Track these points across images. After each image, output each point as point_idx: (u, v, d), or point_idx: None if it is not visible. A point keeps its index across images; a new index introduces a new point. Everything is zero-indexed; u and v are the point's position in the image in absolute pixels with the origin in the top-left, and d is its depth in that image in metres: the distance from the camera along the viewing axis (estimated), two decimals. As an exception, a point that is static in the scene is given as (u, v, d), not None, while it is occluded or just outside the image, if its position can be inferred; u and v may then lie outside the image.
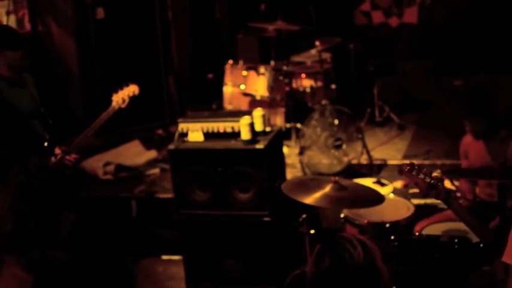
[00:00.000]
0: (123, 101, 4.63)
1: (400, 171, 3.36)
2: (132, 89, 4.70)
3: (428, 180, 3.23)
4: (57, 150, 4.38)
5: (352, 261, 2.30)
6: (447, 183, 4.65)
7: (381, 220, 4.33)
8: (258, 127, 4.96)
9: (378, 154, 6.66)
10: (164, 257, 5.69)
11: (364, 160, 6.47)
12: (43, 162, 4.09)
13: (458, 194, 4.53)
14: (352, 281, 2.30)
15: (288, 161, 6.23)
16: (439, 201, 4.68)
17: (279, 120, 6.88)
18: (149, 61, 7.60)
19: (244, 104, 6.98)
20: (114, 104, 4.61)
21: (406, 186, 5.67)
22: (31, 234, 2.57)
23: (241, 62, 7.09)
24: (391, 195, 4.88)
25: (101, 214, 5.95)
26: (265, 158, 4.82)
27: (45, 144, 4.44)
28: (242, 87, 6.96)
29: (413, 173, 3.28)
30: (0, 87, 4.31)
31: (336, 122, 6.46)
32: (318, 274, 2.34)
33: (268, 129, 5.09)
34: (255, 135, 4.90)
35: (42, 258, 2.59)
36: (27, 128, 4.44)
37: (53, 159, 4.34)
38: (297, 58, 7.36)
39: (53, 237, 3.11)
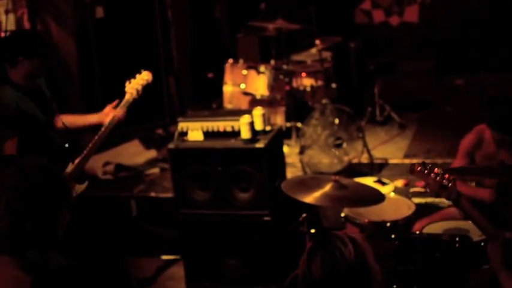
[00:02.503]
0: (137, 91, 4.36)
1: (411, 170, 3.33)
2: (146, 77, 4.41)
3: (439, 180, 3.20)
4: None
5: (343, 259, 2.30)
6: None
7: (381, 219, 4.31)
8: (258, 126, 4.94)
9: (378, 153, 6.65)
10: (164, 257, 5.67)
11: (364, 159, 6.45)
12: (40, 161, 4.05)
13: None
14: (344, 279, 2.29)
15: (288, 160, 6.21)
16: (441, 200, 4.71)
17: (279, 120, 6.87)
18: (149, 60, 7.57)
19: (244, 103, 6.97)
20: (128, 96, 4.35)
21: (407, 185, 5.66)
22: (28, 235, 2.55)
23: (241, 61, 7.08)
24: (392, 194, 4.87)
25: (101, 214, 5.93)
26: (265, 157, 4.80)
27: (66, 145, 4.27)
28: (242, 86, 6.95)
29: (425, 172, 3.24)
30: (16, 99, 4.11)
31: (337, 121, 6.44)
32: (310, 273, 2.33)
33: (268, 128, 5.07)
34: (255, 134, 4.88)
35: (40, 259, 2.57)
36: (45, 136, 4.28)
37: (70, 165, 4.21)
38: (297, 57, 7.36)
39: (50, 237, 3.08)
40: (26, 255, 2.49)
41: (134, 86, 4.36)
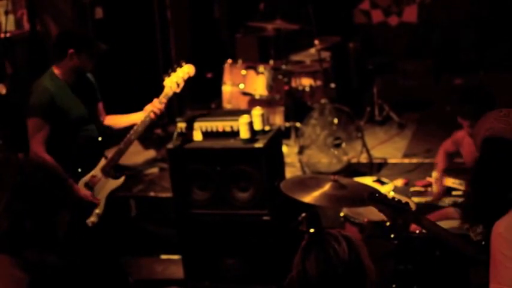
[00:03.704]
0: (177, 85, 4.33)
1: (363, 200, 3.35)
2: (187, 70, 4.37)
3: (393, 205, 3.21)
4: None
5: (337, 257, 2.31)
6: (449, 182, 4.69)
7: (380, 218, 4.30)
8: (257, 126, 4.94)
9: (377, 153, 6.65)
10: (163, 257, 5.67)
11: (364, 159, 6.46)
12: (41, 161, 4.05)
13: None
14: (338, 277, 2.30)
15: (287, 160, 6.22)
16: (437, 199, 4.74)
17: (278, 119, 6.88)
18: (148, 60, 7.59)
19: (243, 103, 6.97)
20: (167, 89, 4.32)
21: (406, 184, 5.67)
22: (27, 234, 2.56)
23: (240, 61, 7.09)
24: (392, 194, 4.86)
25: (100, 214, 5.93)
26: (264, 157, 4.80)
27: (99, 139, 4.34)
28: (241, 86, 6.95)
29: (377, 201, 3.26)
30: (52, 91, 4.15)
31: (336, 121, 6.45)
32: (304, 271, 2.34)
33: (267, 128, 5.07)
34: (254, 134, 4.88)
35: (39, 259, 2.57)
36: (76, 131, 4.27)
37: (102, 160, 4.33)
38: (296, 57, 7.37)
39: (49, 237, 3.08)
40: (25, 254, 2.49)
41: (174, 79, 4.35)
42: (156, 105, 4.35)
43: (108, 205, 4.35)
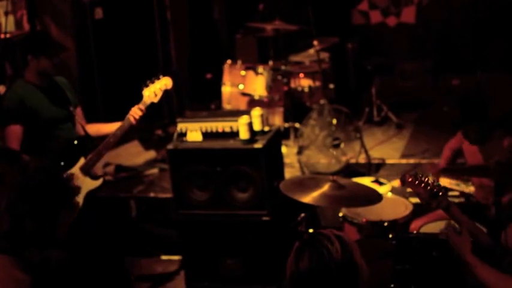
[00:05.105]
0: (155, 95, 4.51)
1: (403, 181, 3.37)
2: (165, 82, 4.56)
3: (430, 189, 3.24)
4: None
5: (330, 257, 2.33)
6: (445, 182, 4.73)
7: (379, 219, 4.35)
8: (257, 127, 4.97)
9: (376, 153, 6.68)
10: (163, 257, 5.70)
11: (362, 159, 6.48)
12: (43, 162, 4.07)
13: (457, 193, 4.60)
14: (331, 276, 2.32)
15: (286, 160, 6.24)
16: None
17: (277, 120, 6.90)
18: (148, 61, 7.61)
19: (242, 104, 6.99)
20: (145, 99, 4.49)
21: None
22: (28, 235, 2.58)
23: (239, 62, 7.11)
24: (389, 194, 4.90)
25: (100, 214, 5.95)
26: (263, 157, 4.83)
27: (75, 142, 4.44)
28: (241, 87, 6.97)
29: (416, 183, 3.28)
30: (22, 93, 4.33)
31: (334, 121, 6.47)
32: (298, 271, 2.36)
33: (266, 128, 5.10)
34: (254, 134, 4.91)
35: (40, 259, 2.59)
36: (49, 133, 4.40)
37: (81, 159, 4.37)
38: (295, 58, 7.39)
39: (50, 237, 3.10)
40: (25, 254, 2.51)
41: (152, 89, 4.51)
42: (135, 111, 4.45)
43: (88, 205, 4.34)
